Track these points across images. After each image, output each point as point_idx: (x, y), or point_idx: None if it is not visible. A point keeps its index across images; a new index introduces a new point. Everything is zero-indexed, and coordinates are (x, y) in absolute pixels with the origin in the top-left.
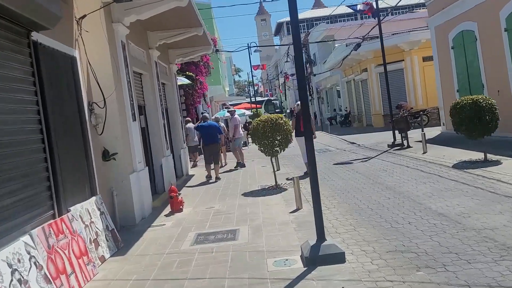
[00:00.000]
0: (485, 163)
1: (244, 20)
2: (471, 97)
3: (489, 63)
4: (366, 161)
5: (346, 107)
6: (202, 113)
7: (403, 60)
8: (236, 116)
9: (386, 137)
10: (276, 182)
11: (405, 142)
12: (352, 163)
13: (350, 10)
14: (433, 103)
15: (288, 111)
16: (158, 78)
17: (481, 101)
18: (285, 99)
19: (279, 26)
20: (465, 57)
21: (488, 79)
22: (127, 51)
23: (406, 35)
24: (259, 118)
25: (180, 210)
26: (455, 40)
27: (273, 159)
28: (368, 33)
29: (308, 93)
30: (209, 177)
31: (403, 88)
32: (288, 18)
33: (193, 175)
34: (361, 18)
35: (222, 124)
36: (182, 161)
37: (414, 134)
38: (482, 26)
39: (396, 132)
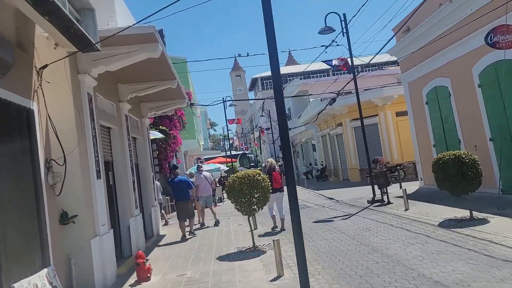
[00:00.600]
0: (472, 221)
1: (220, 75)
2: (453, 152)
3: (464, 118)
4: (347, 218)
5: (322, 161)
6: (172, 166)
7: (377, 115)
8: (202, 174)
9: (364, 192)
10: (254, 243)
11: (385, 198)
12: (333, 220)
13: (323, 67)
14: (408, 157)
15: (263, 165)
16: (129, 132)
17: (464, 156)
18: (260, 153)
19: (254, 81)
20: (440, 112)
21: (464, 134)
22: (94, 104)
23: (379, 90)
24: (235, 175)
25: (148, 279)
26: (429, 96)
27: (251, 218)
28: (343, 88)
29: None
30: (184, 237)
31: (378, 142)
32: (262, 74)
33: (165, 235)
34: (334, 74)
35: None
36: (153, 220)
37: (392, 189)
38: (455, 82)
39: (376, 187)
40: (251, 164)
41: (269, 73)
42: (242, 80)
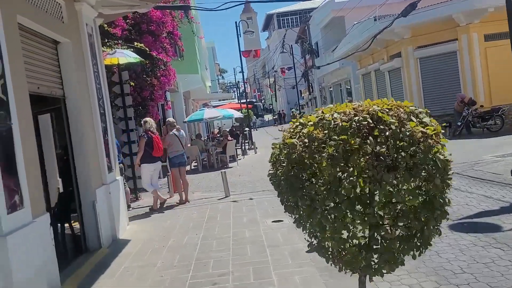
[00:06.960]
0: None
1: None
2: None
3: None
4: None
5: None
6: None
7: (457, 39)
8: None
9: (460, 151)
10: None
11: None
12: (501, 228)
13: None
14: (500, 99)
15: (277, 114)
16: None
17: None
18: (276, 101)
19: (269, 19)
20: None
21: None
22: None
23: (465, 1)
24: (312, 119)
25: None
26: None
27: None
28: None
29: (308, 92)
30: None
31: (457, 78)
32: (278, 10)
33: (129, 240)
34: None
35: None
36: (99, 212)
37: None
38: None
39: None
40: (259, 114)
41: (286, 8)
42: (253, 23)
